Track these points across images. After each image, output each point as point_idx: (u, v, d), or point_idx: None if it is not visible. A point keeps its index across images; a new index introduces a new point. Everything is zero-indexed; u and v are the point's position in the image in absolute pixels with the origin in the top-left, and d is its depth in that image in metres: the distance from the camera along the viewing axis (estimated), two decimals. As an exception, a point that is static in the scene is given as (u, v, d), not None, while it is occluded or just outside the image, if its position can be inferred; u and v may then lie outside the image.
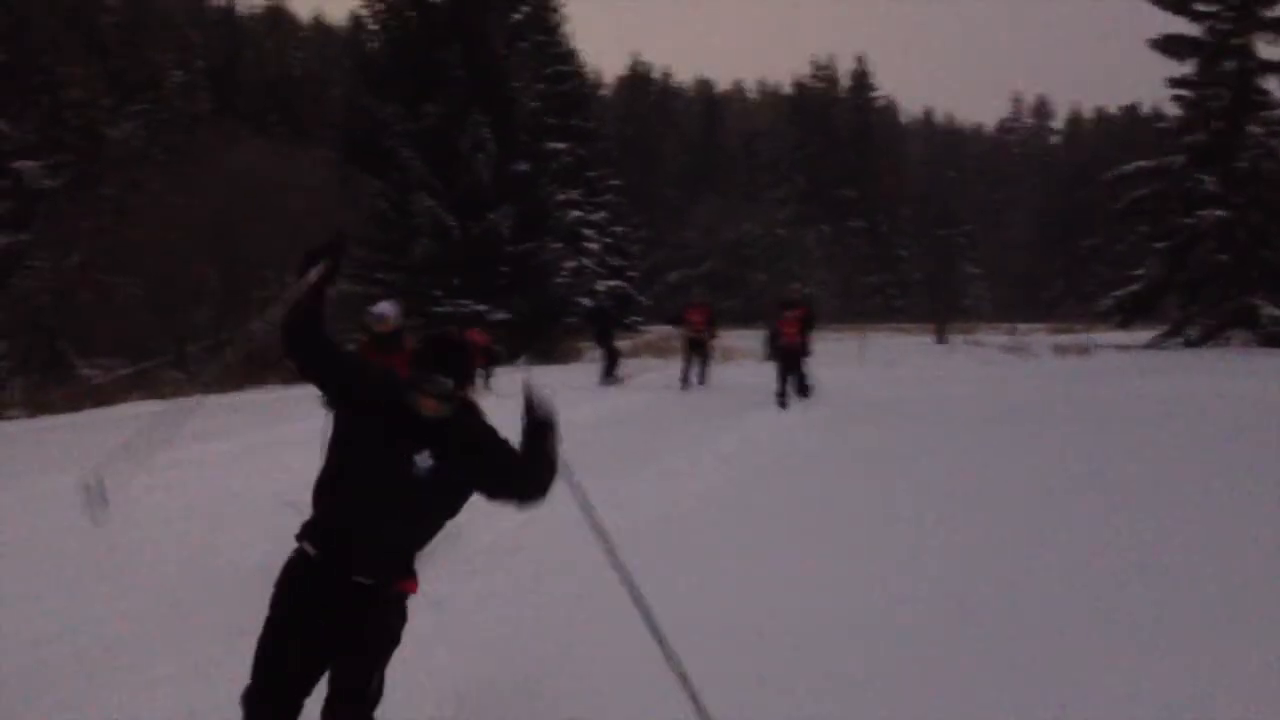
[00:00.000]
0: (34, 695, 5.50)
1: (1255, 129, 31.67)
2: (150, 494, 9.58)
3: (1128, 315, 34.69)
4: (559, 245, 34.01)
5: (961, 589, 6.82)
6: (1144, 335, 33.83)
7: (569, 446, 4.20)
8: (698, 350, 20.20)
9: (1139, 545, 7.71)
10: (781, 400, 17.19)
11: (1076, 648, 5.69)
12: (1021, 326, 42.82)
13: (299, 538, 4.02)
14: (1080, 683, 5.21)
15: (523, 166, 31.29)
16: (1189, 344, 31.47)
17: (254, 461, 11.92)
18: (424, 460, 3.83)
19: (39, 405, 20.73)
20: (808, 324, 18.14)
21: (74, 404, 20.86)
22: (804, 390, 17.58)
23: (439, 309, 28.99)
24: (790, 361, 17.58)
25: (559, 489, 4.12)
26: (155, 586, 7.40)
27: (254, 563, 7.59)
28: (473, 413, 4.03)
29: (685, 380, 20.04)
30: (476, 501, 4.06)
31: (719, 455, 12.28)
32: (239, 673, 5.28)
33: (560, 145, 36.96)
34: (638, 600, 4.22)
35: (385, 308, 8.81)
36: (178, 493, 10.06)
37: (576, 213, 38.65)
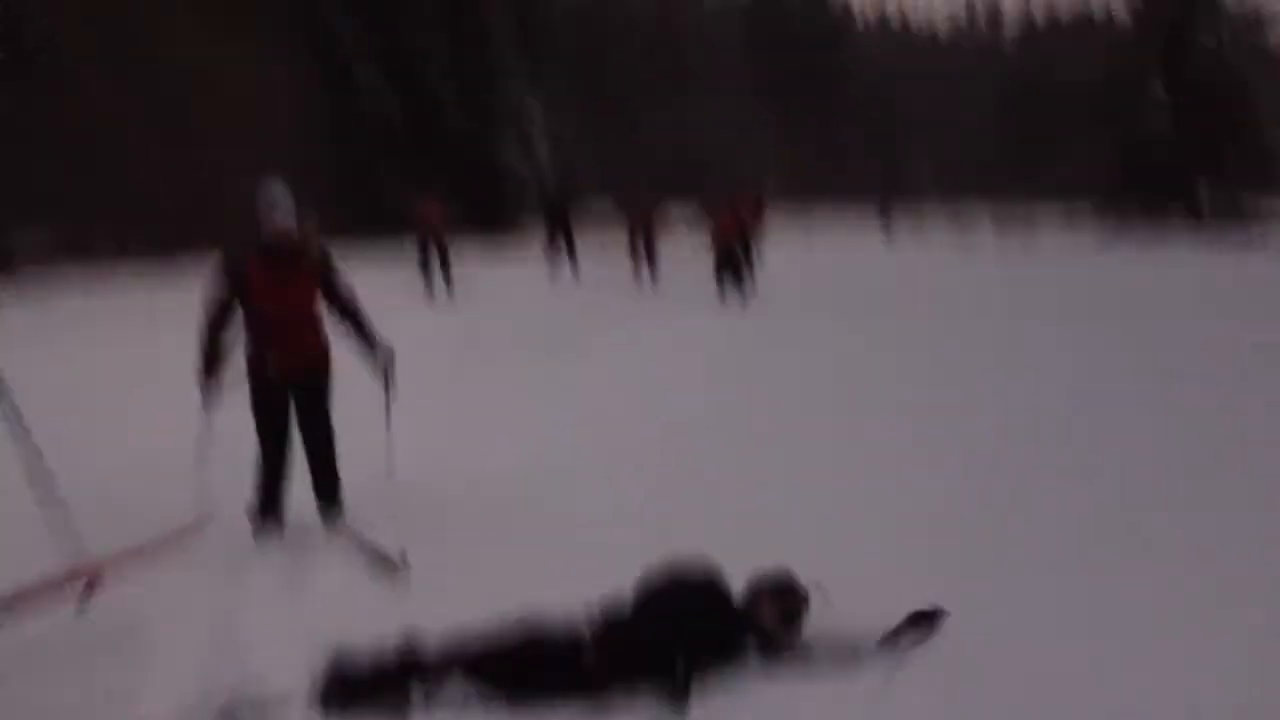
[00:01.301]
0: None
1: (1203, 37, 31.91)
2: (84, 373, 9.47)
3: (1070, 192, 35.16)
4: (508, 133, 33.61)
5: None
6: (1087, 219, 34.19)
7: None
8: (647, 250, 19.98)
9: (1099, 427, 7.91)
10: (724, 297, 16.93)
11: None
12: (968, 216, 43.00)
13: None
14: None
15: (471, 52, 30.74)
16: (1126, 223, 31.87)
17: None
18: None
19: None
20: (757, 218, 18.08)
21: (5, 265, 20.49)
22: (743, 288, 17.20)
23: (383, 184, 28.62)
24: (730, 258, 17.21)
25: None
26: (97, 469, 7.33)
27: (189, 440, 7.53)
28: None
29: (636, 272, 19.84)
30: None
31: (654, 352, 12.23)
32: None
33: (510, 31, 36.29)
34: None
35: (277, 191, 5.75)
36: (113, 372, 9.93)
37: (526, 99, 38.12)
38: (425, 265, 17.89)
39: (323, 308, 5.91)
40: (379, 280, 14.19)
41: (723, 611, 4.30)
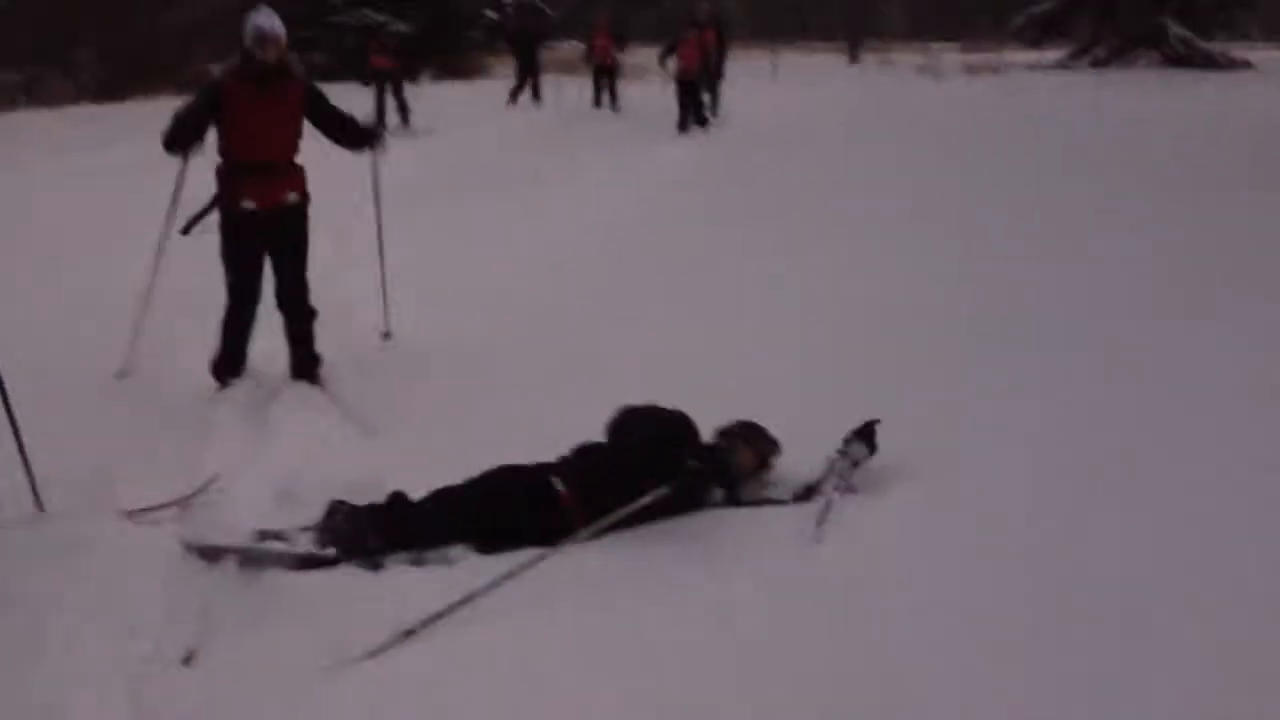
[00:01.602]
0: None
1: None
2: (36, 209, 9.35)
3: (1039, 34, 34.53)
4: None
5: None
6: (1054, 55, 33.78)
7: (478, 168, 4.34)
8: (605, 74, 19.84)
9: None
10: (683, 128, 16.70)
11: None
12: (934, 46, 42.27)
13: None
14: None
15: None
16: (1096, 64, 31.51)
17: (145, 173, 11.56)
18: None
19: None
20: (719, 46, 17.77)
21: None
22: (701, 120, 16.99)
23: (335, 18, 27.79)
24: (689, 88, 16.90)
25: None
26: (68, 306, 7.31)
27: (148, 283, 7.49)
28: None
29: (597, 104, 19.72)
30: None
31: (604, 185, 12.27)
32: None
33: None
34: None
35: (268, 21, 5.70)
36: (65, 208, 9.82)
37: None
38: (380, 113, 17.25)
39: (300, 146, 5.90)
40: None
41: (695, 444, 4.41)
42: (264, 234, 5.75)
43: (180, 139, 5.61)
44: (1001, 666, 2.99)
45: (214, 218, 5.80)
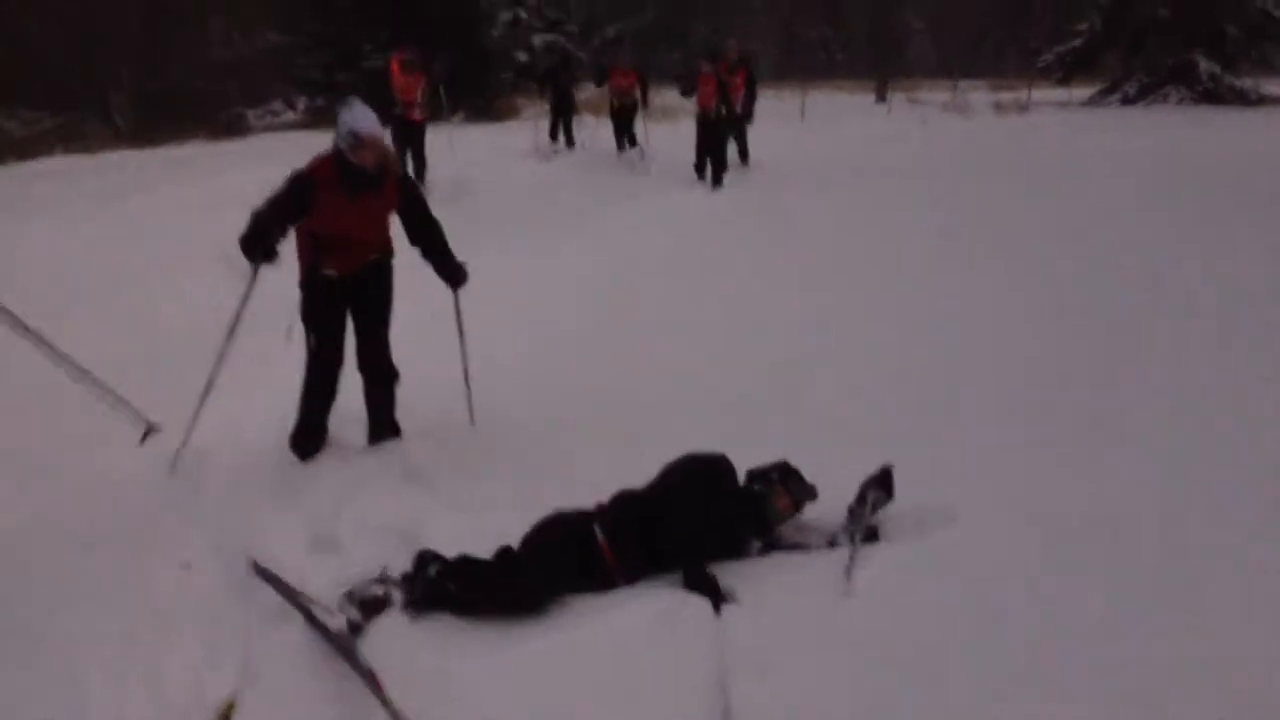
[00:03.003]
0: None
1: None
2: (78, 251, 9.46)
3: (1068, 71, 34.50)
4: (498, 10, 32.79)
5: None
6: (1084, 92, 33.75)
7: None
8: (626, 117, 18.45)
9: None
10: (700, 172, 15.89)
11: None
12: (963, 83, 42.34)
13: None
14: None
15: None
16: (1126, 101, 31.45)
17: (186, 217, 11.74)
18: None
19: (-42, 159, 20.11)
20: (749, 87, 16.70)
21: (-6, 156, 20.26)
22: (721, 164, 15.67)
23: (367, 63, 28.11)
24: (709, 129, 15.70)
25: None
26: (94, 345, 7.39)
27: (194, 318, 7.62)
28: None
29: (620, 147, 18.56)
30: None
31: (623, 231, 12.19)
32: (179, 431, 5.41)
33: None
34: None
35: (366, 123, 5.31)
36: (112, 250, 9.92)
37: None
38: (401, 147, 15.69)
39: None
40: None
41: (732, 489, 4.51)
42: (346, 294, 5.62)
43: (261, 245, 5.23)
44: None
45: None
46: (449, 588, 4.08)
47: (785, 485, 4.55)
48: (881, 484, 4.59)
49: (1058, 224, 10.64)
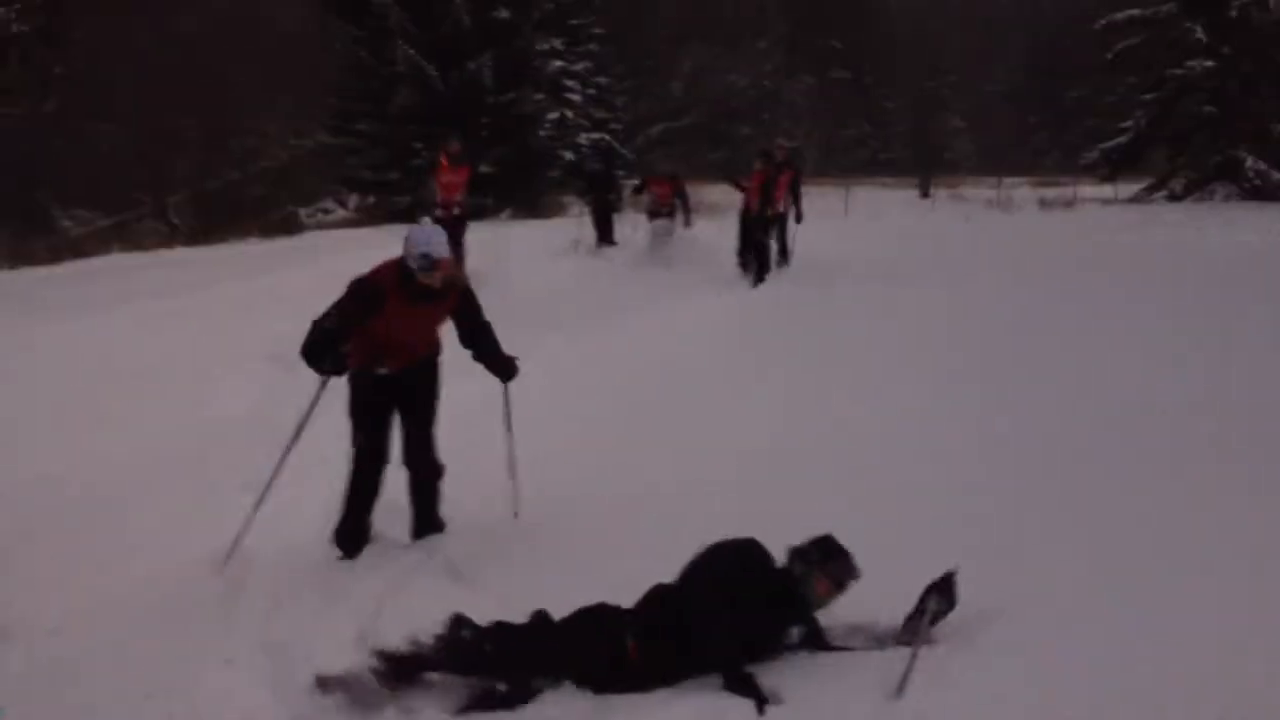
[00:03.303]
0: (21, 544, 5.63)
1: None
2: (135, 346, 9.61)
3: (1113, 168, 34.52)
4: (541, 96, 33.33)
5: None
6: (1129, 189, 33.75)
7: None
8: (664, 227, 17.64)
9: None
10: (745, 267, 15.64)
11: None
12: (1006, 179, 42.51)
13: None
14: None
15: (503, 13, 30.46)
16: (1173, 197, 31.41)
17: (238, 313, 11.91)
18: None
19: (19, 256, 20.58)
20: (795, 188, 16.55)
21: (54, 255, 20.73)
22: (764, 265, 15.57)
23: (418, 161, 28.65)
24: (755, 228, 15.57)
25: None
26: (142, 438, 7.49)
27: (240, 414, 7.71)
28: None
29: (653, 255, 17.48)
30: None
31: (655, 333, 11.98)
32: (223, 525, 5.44)
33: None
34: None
35: (439, 247, 5.42)
36: (163, 345, 10.08)
37: (558, 62, 37.74)
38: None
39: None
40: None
41: (763, 575, 4.33)
42: (395, 392, 5.65)
43: (329, 356, 5.34)
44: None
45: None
46: (485, 648, 4.07)
47: (825, 567, 4.33)
48: (943, 591, 4.32)
49: (1124, 335, 10.24)
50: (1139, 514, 5.46)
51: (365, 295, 5.37)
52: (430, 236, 5.37)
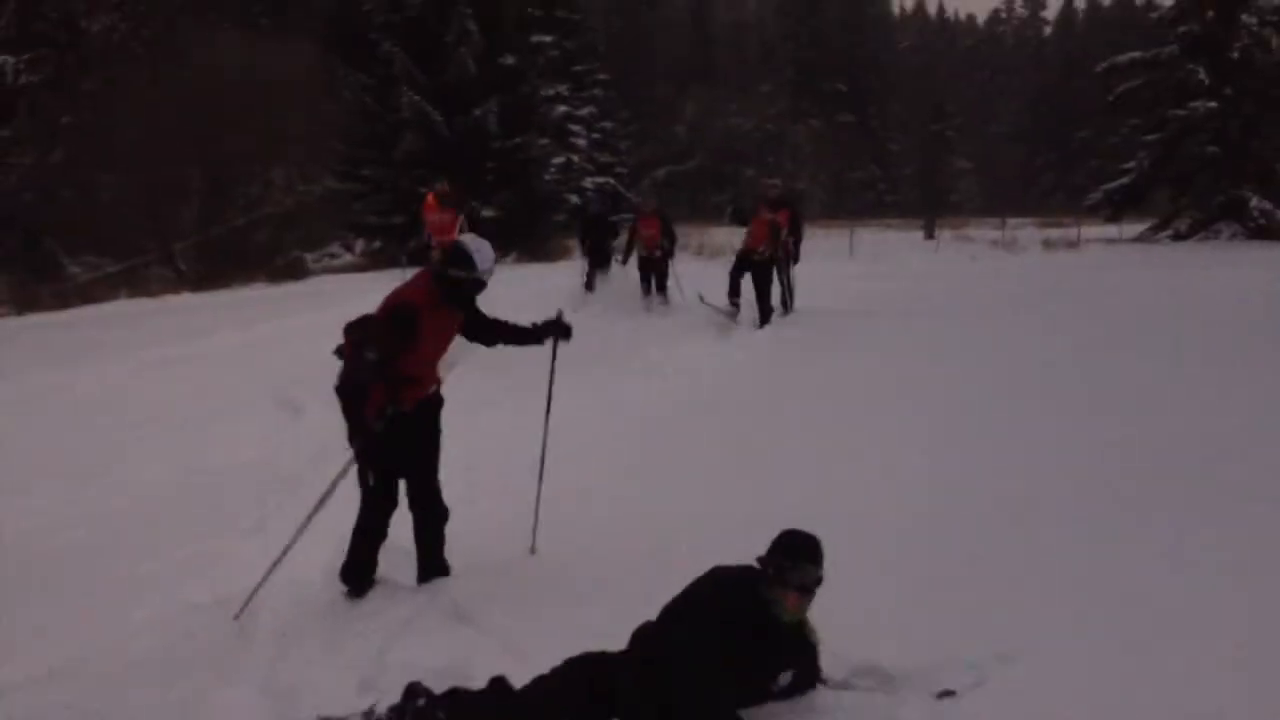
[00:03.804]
0: (24, 588, 5.61)
1: (1247, 19, 31.22)
2: (139, 392, 9.63)
3: (1117, 208, 34.66)
4: (546, 141, 33.58)
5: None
6: (1134, 229, 33.84)
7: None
8: (652, 267, 16.93)
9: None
10: (733, 299, 15.21)
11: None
12: (1011, 221, 42.62)
13: None
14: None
15: (508, 60, 30.73)
16: (1177, 237, 31.48)
17: (242, 359, 11.94)
18: None
19: (26, 303, 20.68)
20: (794, 228, 16.03)
21: (61, 302, 20.83)
22: (767, 310, 15.03)
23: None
24: (752, 267, 15.12)
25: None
26: (146, 484, 7.49)
27: (245, 460, 7.71)
28: None
29: (645, 293, 16.91)
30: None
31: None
32: (228, 570, 5.42)
33: (546, 38, 36.36)
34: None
35: (488, 250, 5.60)
36: (167, 390, 10.10)
37: (563, 107, 38.12)
38: None
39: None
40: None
41: (753, 607, 4.03)
42: (407, 432, 5.55)
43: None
44: None
45: None
46: (438, 717, 3.98)
47: (784, 579, 3.94)
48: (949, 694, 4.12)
49: (1138, 380, 10.05)
50: (1155, 554, 5.43)
51: (405, 319, 5.37)
52: (482, 246, 5.50)
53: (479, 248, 5.48)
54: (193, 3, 35.01)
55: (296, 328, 11.57)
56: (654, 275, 16.98)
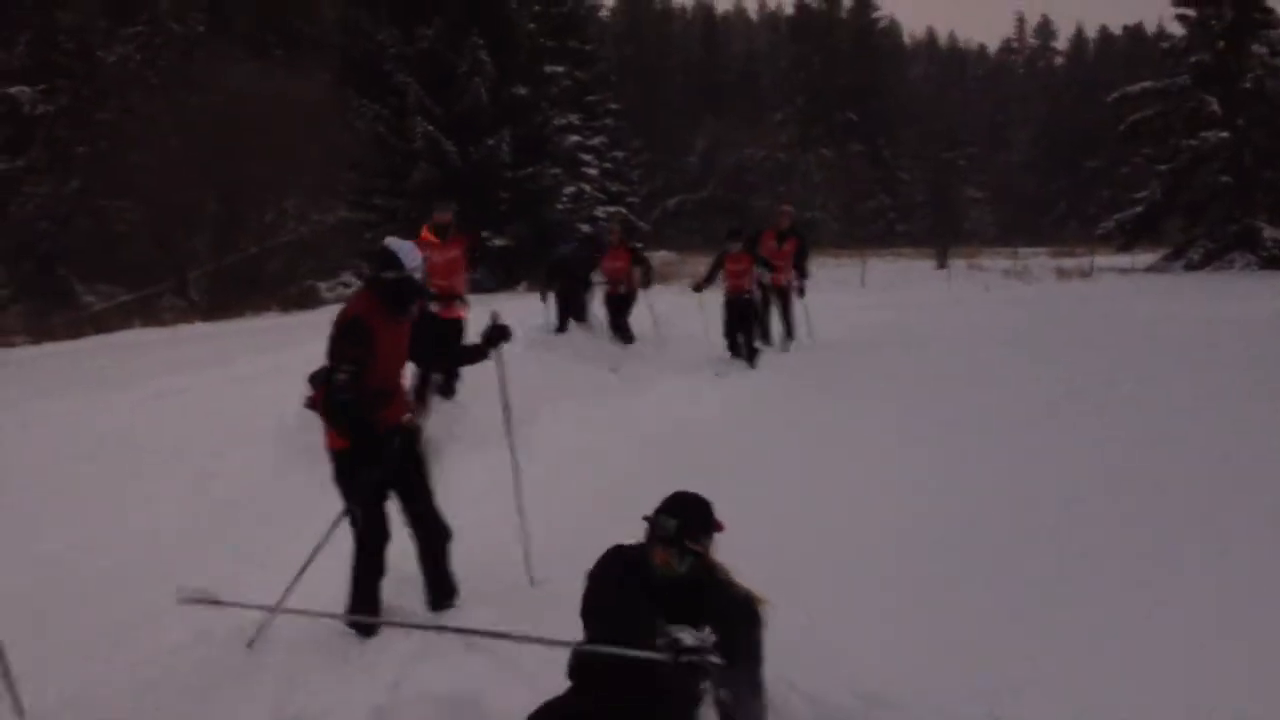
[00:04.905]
0: (36, 619, 5.58)
1: (1259, 48, 31.27)
2: (150, 422, 9.62)
3: (1130, 238, 34.64)
4: (558, 171, 33.69)
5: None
6: (1146, 258, 33.79)
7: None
8: (617, 305, 15.30)
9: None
10: (733, 348, 14.35)
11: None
12: (1023, 250, 42.63)
13: None
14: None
15: (521, 90, 30.90)
16: (1190, 267, 31.42)
17: (253, 388, 11.90)
18: None
19: (41, 332, 20.77)
20: (800, 257, 15.65)
21: (75, 331, 20.90)
22: (752, 353, 14.27)
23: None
24: (741, 311, 14.27)
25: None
26: (155, 514, 7.47)
27: (254, 491, 7.69)
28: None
29: (617, 336, 15.23)
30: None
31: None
32: (242, 599, 5.39)
33: (559, 68, 36.50)
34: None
35: (411, 248, 5.67)
36: (177, 420, 10.08)
37: (575, 137, 38.24)
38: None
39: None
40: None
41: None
42: (389, 458, 5.47)
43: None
44: None
45: None
46: None
47: (650, 533, 4.08)
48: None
49: (1160, 414, 9.90)
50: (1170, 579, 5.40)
51: (355, 328, 5.37)
52: (403, 244, 5.62)
53: (400, 246, 5.56)
54: (208, 34, 35.37)
55: (309, 356, 11.53)
56: (617, 311, 15.28)
